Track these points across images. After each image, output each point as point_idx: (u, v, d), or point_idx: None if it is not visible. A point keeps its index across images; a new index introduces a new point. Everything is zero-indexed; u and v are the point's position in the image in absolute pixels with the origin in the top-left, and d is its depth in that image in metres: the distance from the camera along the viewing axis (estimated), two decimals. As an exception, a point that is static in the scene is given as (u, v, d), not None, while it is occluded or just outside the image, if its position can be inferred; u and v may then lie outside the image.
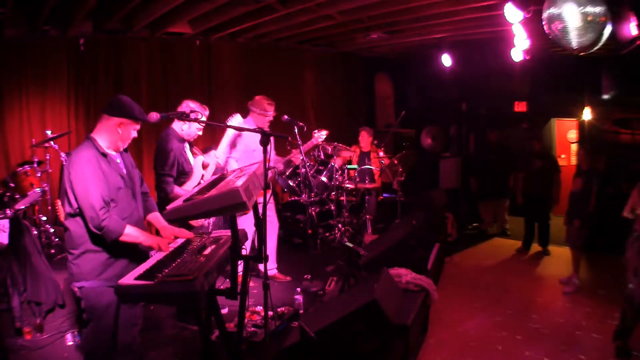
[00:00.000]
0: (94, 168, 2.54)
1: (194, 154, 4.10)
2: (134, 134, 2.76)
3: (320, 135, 4.96)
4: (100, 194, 2.51)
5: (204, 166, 4.03)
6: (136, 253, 2.72)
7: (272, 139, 4.80)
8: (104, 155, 2.63)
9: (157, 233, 3.00)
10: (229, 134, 4.55)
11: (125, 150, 2.84)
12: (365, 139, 6.91)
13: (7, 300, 3.77)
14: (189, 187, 3.88)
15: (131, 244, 2.65)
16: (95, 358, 2.71)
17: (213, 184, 2.79)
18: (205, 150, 5.44)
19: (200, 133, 4.00)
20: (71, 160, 2.57)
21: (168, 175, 3.77)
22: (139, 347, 2.88)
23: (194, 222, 3.76)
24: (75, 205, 2.54)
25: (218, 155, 4.10)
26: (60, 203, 5.38)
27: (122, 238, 2.55)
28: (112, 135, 2.67)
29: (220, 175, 3.20)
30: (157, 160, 3.82)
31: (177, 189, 3.81)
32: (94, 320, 2.67)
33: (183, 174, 3.90)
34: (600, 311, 4.40)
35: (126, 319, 2.76)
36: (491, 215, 7.43)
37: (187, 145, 4.00)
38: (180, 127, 3.86)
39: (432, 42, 7.06)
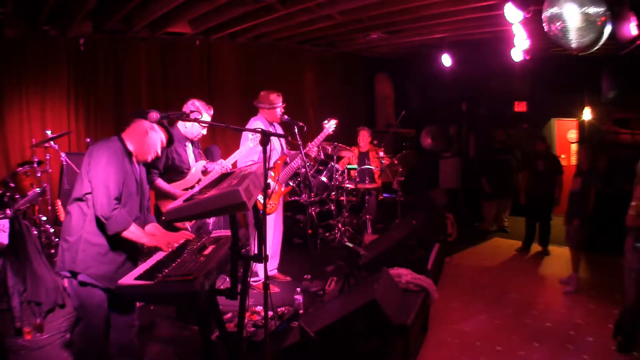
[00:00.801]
0: (119, 161, 2.57)
1: (198, 156, 4.11)
2: (158, 151, 2.79)
3: (330, 125, 4.97)
4: (118, 186, 2.52)
5: (206, 172, 4.03)
6: (129, 258, 2.70)
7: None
8: (130, 154, 2.66)
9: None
10: (249, 143, 4.57)
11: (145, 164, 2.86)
12: (364, 138, 6.92)
13: (7, 300, 3.77)
14: (179, 187, 3.89)
15: (128, 247, 2.65)
16: (86, 358, 2.69)
17: (213, 184, 2.79)
18: (205, 150, 5.43)
19: (204, 132, 4.03)
20: (97, 147, 2.58)
21: (152, 166, 3.77)
22: (137, 349, 2.87)
23: (180, 225, 3.75)
24: (84, 190, 2.54)
25: (225, 164, 4.14)
26: (60, 203, 5.37)
27: (125, 234, 2.54)
28: (141, 138, 2.70)
29: (221, 175, 3.20)
30: None
31: (160, 182, 3.83)
32: (85, 319, 2.65)
33: (175, 172, 3.91)
34: (600, 311, 4.40)
35: (122, 321, 2.75)
36: (493, 215, 7.45)
37: (189, 145, 4.01)
38: (183, 125, 3.90)
39: (432, 42, 7.07)
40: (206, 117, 3.88)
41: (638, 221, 3.54)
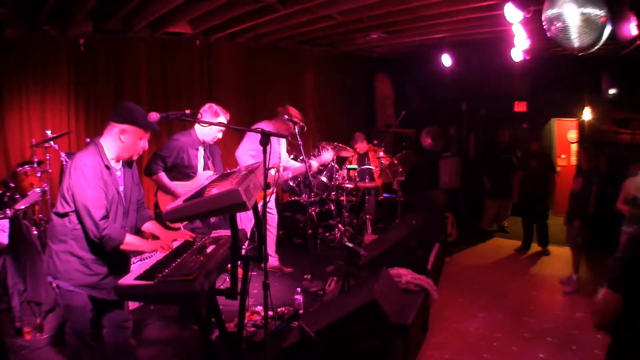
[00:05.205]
0: (97, 177, 2.51)
1: (208, 167, 4.14)
2: (143, 145, 2.70)
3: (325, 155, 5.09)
4: (100, 206, 2.49)
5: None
6: (115, 267, 2.67)
7: (285, 142, 4.95)
8: (107, 167, 2.60)
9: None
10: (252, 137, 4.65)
11: (130, 164, 2.80)
12: (361, 144, 6.96)
13: (7, 300, 3.77)
14: (181, 187, 3.91)
15: (113, 259, 2.63)
16: (79, 358, 2.68)
17: (213, 184, 2.79)
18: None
19: (220, 135, 4.09)
20: (75, 164, 2.51)
21: (160, 158, 3.86)
22: (133, 349, 2.84)
23: (174, 225, 3.76)
24: (68, 208, 2.52)
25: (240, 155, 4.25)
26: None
27: (123, 247, 2.54)
28: (115, 143, 2.63)
29: (221, 174, 3.21)
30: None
31: (162, 176, 3.87)
32: (70, 320, 2.65)
33: (181, 172, 3.93)
34: (600, 311, 4.40)
35: (114, 322, 2.73)
36: (494, 214, 7.44)
37: (201, 150, 4.04)
38: (200, 128, 3.97)
39: (432, 42, 7.06)
40: (223, 120, 4.00)
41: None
